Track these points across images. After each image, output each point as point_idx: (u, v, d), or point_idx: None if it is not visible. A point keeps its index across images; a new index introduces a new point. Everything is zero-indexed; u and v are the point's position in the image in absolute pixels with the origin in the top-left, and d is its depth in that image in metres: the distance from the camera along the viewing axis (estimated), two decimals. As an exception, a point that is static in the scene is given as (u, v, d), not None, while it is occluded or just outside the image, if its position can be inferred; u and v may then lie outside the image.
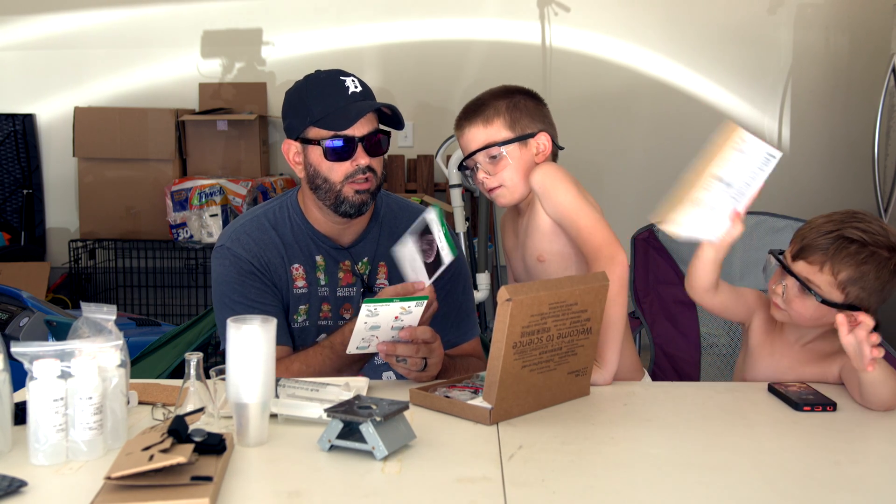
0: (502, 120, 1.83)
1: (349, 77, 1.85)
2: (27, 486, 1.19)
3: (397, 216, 1.97)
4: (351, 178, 1.80)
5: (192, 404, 1.41)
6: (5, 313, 2.95)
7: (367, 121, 1.81)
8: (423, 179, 4.72)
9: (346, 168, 1.80)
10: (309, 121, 1.82)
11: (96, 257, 4.63)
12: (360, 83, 1.86)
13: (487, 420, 1.45)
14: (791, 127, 4.83)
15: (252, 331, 1.34)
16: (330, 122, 1.79)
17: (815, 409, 1.54)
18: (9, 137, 4.69)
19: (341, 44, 4.74)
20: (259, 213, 1.94)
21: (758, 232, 2.31)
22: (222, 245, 1.90)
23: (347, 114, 1.78)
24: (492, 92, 1.88)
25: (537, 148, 1.84)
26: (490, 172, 1.84)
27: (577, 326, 1.53)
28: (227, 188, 4.36)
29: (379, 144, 1.83)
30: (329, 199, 1.83)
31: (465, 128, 1.86)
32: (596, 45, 4.72)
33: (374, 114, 1.83)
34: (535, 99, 1.90)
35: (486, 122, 1.83)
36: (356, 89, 1.83)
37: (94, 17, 4.78)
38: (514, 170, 1.83)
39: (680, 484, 1.23)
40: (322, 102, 1.81)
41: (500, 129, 1.83)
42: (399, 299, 1.61)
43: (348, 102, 1.80)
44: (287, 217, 1.92)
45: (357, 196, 1.82)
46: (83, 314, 1.44)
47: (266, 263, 1.87)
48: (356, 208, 1.83)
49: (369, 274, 1.92)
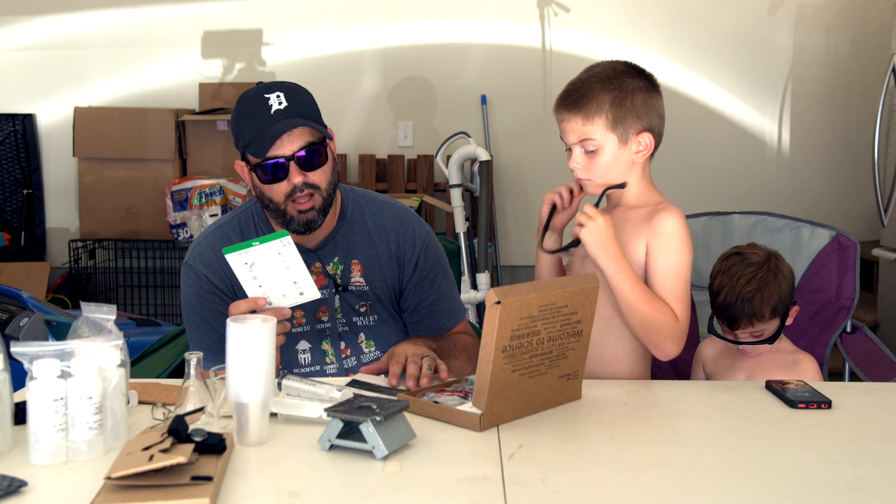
0: (604, 119, 1.72)
1: (275, 93, 1.77)
2: (27, 486, 1.19)
3: (365, 212, 1.95)
4: (291, 196, 1.77)
5: (192, 404, 1.41)
6: (5, 313, 2.95)
7: (297, 136, 1.75)
8: (423, 179, 4.72)
9: (283, 188, 1.77)
10: (241, 145, 1.80)
11: (96, 257, 4.64)
12: (288, 97, 1.77)
13: (478, 426, 1.43)
14: (791, 127, 4.84)
15: (252, 330, 1.34)
16: (254, 147, 1.76)
17: (809, 406, 1.54)
18: (9, 137, 4.69)
19: (341, 45, 4.74)
20: (225, 222, 1.93)
21: (756, 232, 2.30)
22: (186, 262, 1.90)
23: (265, 138, 1.74)
24: (599, 77, 1.75)
25: (637, 146, 1.76)
26: (582, 164, 1.76)
27: (568, 329, 1.52)
28: (227, 188, 4.36)
29: (315, 158, 1.78)
30: (278, 217, 1.81)
31: (564, 116, 1.76)
32: (596, 47, 4.73)
33: (306, 127, 1.77)
34: (646, 87, 1.77)
35: (587, 118, 1.73)
36: (280, 106, 1.75)
37: (94, 18, 4.78)
38: (608, 167, 1.75)
39: (680, 484, 1.23)
40: (248, 125, 1.77)
41: (600, 128, 1.73)
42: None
43: (269, 124, 1.75)
44: (252, 224, 1.91)
45: (302, 216, 1.79)
46: (83, 314, 1.44)
47: (228, 278, 1.83)
48: (304, 226, 1.80)
49: (342, 273, 1.90)
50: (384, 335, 1.91)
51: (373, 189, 4.66)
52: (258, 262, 1.60)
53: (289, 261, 1.61)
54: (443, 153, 3.97)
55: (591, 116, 1.73)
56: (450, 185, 3.96)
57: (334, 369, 1.88)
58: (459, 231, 3.91)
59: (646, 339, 1.72)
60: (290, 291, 1.64)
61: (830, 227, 2.27)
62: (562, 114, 1.77)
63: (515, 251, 4.87)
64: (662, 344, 1.71)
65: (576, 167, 1.76)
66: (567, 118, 1.75)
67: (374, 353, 1.91)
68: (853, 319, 2.25)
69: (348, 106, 4.72)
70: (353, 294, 1.89)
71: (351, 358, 1.90)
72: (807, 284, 2.26)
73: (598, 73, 1.77)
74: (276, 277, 1.62)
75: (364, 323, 1.91)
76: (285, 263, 1.62)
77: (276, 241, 1.60)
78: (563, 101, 1.77)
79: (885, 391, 1.69)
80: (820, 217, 2.48)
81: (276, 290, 1.64)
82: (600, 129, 1.73)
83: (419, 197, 4.37)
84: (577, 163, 1.76)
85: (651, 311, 1.68)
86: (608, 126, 1.73)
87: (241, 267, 1.61)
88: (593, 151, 1.75)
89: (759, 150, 4.84)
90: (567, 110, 1.75)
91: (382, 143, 4.81)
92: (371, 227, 1.93)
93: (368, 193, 2.01)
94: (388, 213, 1.96)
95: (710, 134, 4.79)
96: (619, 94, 1.74)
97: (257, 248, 1.60)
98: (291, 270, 1.62)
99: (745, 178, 4.78)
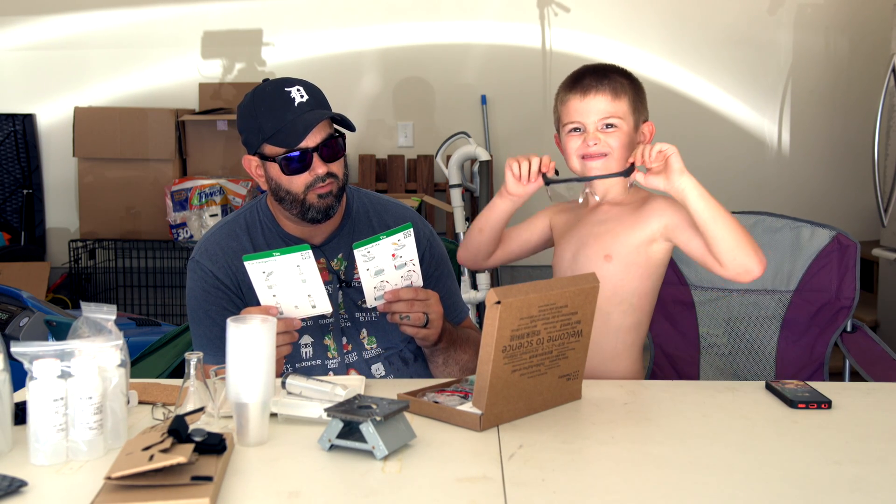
0: (628, 99, 1.79)
1: (294, 86, 1.81)
2: (27, 486, 1.19)
3: (369, 210, 1.99)
4: (312, 187, 1.81)
5: (192, 404, 1.41)
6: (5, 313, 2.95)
7: (319, 129, 1.80)
8: (423, 179, 4.72)
9: (305, 178, 1.81)
10: (262, 137, 1.81)
11: (96, 257, 4.64)
12: (308, 90, 1.82)
13: (478, 426, 1.43)
14: (791, 127, 4.84)
15: (252, 330, 1.34)
16: (281, 138, 1.79)
17: (809, 406, 1.55)
18: (9, 137, 4.69)
19: (341, 45, 4.74)
20: (232, 219, 1.96)
21: (756, 232, 2.30)
22: (193, 257, 1.92)
23: (296, 128, 1.77)
24: (611, 67, 1.83)
25: (642, 135, 1.82)
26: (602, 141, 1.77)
27: (568, 329, 1.52)
28: (227, 188, 4.36)
29: (335, 149, 1.83)
30: (295, 208, 1.84)
31: (590, 92, 1.78)
32: (596, 47, 4.73)
33: (326, 120, 1.82)
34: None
35: (615, 95, 1.78)
36: (302, 99, 1.80)
37: (94, 18, 4.78)
38: (623, 147, 1.78)
39: (680, 484, 1.23)
40: (271, 118, 1.80)
41: (624, 107, 1.78)
42: (384, 234, 1.66)
43: (296, 115, 1.78)
44: (258, 221, 1.94)
45: (321, 201, 1.82)
46: (83, 314, 1.44)
47: (234, 274, 1.87)
48: (323, 213, 1.84)
49: (346, 270, 1.92)
50: (386, 331, 1.92)
51: (373, 189, 4.67)
52: (276, 271, 1.62)
53: (306, 274, 1.64)
54: (443, 153, 3.97)
55: (619, 95, 1.78)
56: (450, 185, 3.96)
57: (336, 364, 1.89)
58: (459, 231, 3.92)
59: (740, 248, 1.67)
60: (302, 303, 1.66)
61: (830, 227, 2.27)
62: (586, 90, 1.78)
63: (515, 251, 4.87)
64: (755, 253, 1.67)
65: (594, 142, 1.77)
66: (593, 95, 1.78)
67: (376, 348, 1.92)
68: (853, 319, 2.25)
69: (348, 106, 4.72)
70: (356, 290, 1.90)
71: (352, 353, 1.91)
72: (807, 284, 2.26)
73: (605, 66, 1.83)
74: (292, 289, 1.64)
75: (366, 319, 1.92)
76: (303, 276, 1.64)
77: (297, 254, 1.62)
78: (586, 77, 1.80)
79: (885, 391, 1.69)
80: (820, 217, 2.48)
81: (290, 300, 1.66)
82: (623, 109, 1.78)
83: (419, 197, 4.37)
84: (595, 139, 1.77)
85: (735, 221, 1.68)
86: (630, 107, 1.79)
87: (258, 275, 1.62)
88: (614, 127, 1.77)
89: (759, 150, 4.84)
90: (594, 87, 1.78)
91: (382, 143, 4.81)
92: (375, 225, 1.95)
93: (372, 193, 2.05)
94: (392, 212, 2.00)
95: (709, 134, 4.79)
96: (633, 83, 1.82)
97: (277, 258, 1.61)
98: (307, 283, 1.65)
99: (744, 178, 4.78)
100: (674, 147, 1.69)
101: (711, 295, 2.33)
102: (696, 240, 1.73)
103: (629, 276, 1.81)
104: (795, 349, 2.27)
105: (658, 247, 1.81)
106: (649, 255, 1.81)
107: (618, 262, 1.80)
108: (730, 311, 2.32)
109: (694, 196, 1.68)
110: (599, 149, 1.77)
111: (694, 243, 1.74)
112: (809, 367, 2.25)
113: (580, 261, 1.83)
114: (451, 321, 1.99)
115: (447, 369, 1.90)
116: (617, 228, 1.81)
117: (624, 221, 1.82)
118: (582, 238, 1.86)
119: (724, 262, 1.68)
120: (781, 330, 2.28)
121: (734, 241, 1.67)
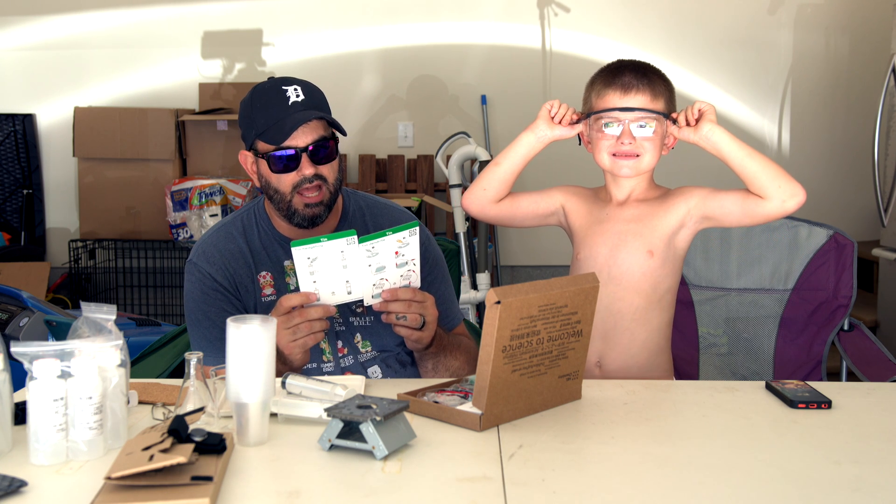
0: (664, 99, 1.80)
1: (292, 86, 1.82)
2: (27, 486, 1.19)
3: (365, 213, 1.98)
4: (298, 187, 1.81)
5: (192, 404, 1.41)
6: (5, 313, 2.95)
7: (311, 130, 1.80)
8: (423, 179, 4.72)
9: (292, 178, 1.81)
10: (254, 133, 1.82)
11: (96, 257, 4.64)
12: (305, 91, 1.82)
13: (478, 426, 1.43)
14: (791, 128, 4.84)
15: (252, 330, 1.34)
16: (270, 135, 1.79)
17: (809, 406, 1.55)
18: (9, 137, 4.70)
19: (342, 45, 4.75)
20: (228, 221, 1.96)
21: (755, 231, 2.31)
22: (190, 260, 1.92)
23: (284, 126, 1.78)
24: (649, 66, 1.84)
25: (667, 139, 1.83)
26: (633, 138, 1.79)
27: (568, 329, 1.52)
28: (227, 188, 4.36)
29: (326, 151, 1.82)
30: (282, 209, 1.84)
31: (631, 90, 1.78)
32: (596, 47, 4.73)
33: (320, 122, 1.82)
34: None
35: (654, 94, 1.79)
36: (297, 98, 1.80)
37: (94, 18, 4.78)
38: (655, 146, 1.80)
39: (680, 484, 1.23)
40: (265, 114, 1.80)
41: (660, 108, 1.79)
42: (391, 230, 1.65)
43: (288, 114, 1.79)
44: (255, 223, 1.94)
45: (308, 210, 1.82)
46: (83, 314, 1.44)
47: (232, 276, 1.88)
48: (308, 220, 1.84)
49: None
50: (380, 336, 1.92)
51: (373, 189, 4.68)
52: (320, 257, 1.64)
53: (349, 259, 1.65)
54: (443, 153, 3.97)
55: (658, 93, 1.80)
56: (450, 185, 3.96)
57: (331, 367, 1.89)
58: (459, 231, 3.92)
59: (780, 177, 1.73)
60: (339, 289, 1.68)
61: (828, 227, 2.27)
62: (627, 87, 1.78)
63: (515, 251, 4.88)
64: (790, 184, 1.72)
65: (628, 139, 1.78)
66: (634, 94, 1.78)
67: (371, 352, 1.92)
68: (851, 318, 2.25)
69: (348, 106, 4.73)
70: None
71: (348, 357, 1.91)
72: (804, 283, 2.26)
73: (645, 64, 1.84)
74: (332, 274, 1.66)
75: (361, 323, 1.92)
76: (345, 262, 1.65)
77: (342, 240, 1.63)
78: (626, 74, 1.80)
79: (885, 391, 1.69)
80: (820, 217, 2.49)
81: (328, 286, 1.67)
82: (661, 107, 1.80)
83: (419, 197, 4.37)
84: (629, 137, 1.78)
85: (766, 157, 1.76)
86: (666, 107, 1.81)
87: (302, 261, 1.64)
88: (647, 130, 1.79)
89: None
90: (636, 86, 1.79)
91: (382, 143, 4.81)
92: (371, 228, 1.94)
93: (369, 196, 2.04)
94: (388, 216, 1.99)
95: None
96: (668, 85, 1.83)
97: (324, 244, 1.63)
98: (348, 269, 1.66)
99: (744, 178, 4.78)
100: (711, 105, 1.78)
101: (710, 294, 2.34)
102: (728, 197, 1.79)
103: (665, 271, 1.83)
104: (793, 348, 2.27)
105: (684, 233, 1.84)
106: (677, 247, 1.84)
107: (657, 258, 1.82)
108: (729, 310, 2.32)
109: (725, 140, 1.75)
110: (633, 149, 1.79)
111: (727, 201, 1.79)
112: (807, 366, 2.25)
113: (621, 256, 1.83)
114: (444, 327, 1.98)
115: (436, 375, 1.89)
116: (653, 222, 1.83)
117: (656, 213, 1.83)
118: (619, 234, 1.85)
119: (768, 193, 1.73)
120: (779, 329, 2.28)
121: (773, 171, 1.73)
